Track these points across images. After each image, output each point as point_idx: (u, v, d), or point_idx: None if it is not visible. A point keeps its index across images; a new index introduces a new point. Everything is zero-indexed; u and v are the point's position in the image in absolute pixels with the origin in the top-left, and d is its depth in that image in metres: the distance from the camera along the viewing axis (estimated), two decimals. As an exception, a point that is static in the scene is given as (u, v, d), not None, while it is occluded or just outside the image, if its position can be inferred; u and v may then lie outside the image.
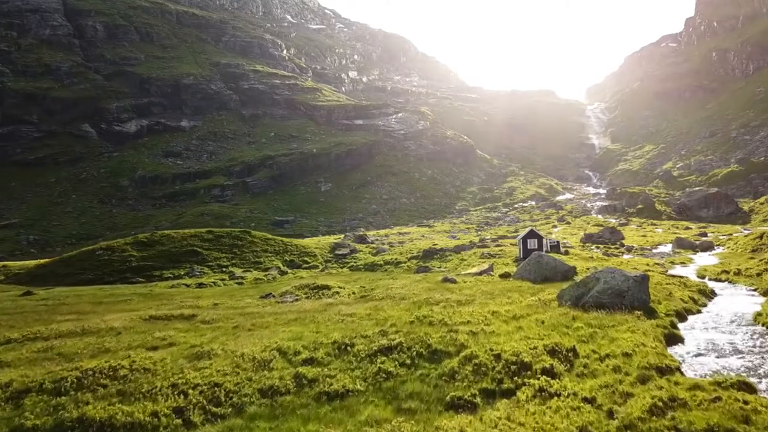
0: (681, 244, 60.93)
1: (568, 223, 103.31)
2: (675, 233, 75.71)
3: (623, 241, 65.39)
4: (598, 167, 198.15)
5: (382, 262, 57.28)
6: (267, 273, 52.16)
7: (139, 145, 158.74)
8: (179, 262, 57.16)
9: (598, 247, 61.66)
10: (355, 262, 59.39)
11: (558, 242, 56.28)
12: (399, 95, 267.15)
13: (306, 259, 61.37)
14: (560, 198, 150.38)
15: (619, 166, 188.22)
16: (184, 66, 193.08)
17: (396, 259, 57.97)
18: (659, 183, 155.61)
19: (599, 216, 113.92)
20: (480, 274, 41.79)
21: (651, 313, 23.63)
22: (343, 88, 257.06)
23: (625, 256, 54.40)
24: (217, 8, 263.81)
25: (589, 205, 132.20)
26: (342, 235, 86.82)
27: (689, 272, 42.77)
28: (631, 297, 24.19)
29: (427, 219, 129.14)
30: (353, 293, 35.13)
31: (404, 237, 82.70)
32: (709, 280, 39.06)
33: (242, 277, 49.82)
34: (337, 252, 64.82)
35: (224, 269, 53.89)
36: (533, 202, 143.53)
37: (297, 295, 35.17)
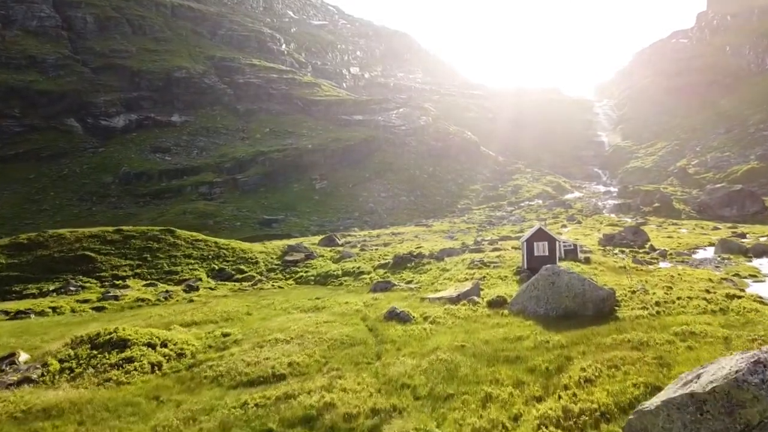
0: (728, 247, 50.34)
1: (579, 222, 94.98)
2: (703, 233, 67.25)
3: (651, 244, 55.29)
4: (607, 165, 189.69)
5: (339, 272, 47.41)
6: (168, 291, 39.70)
7: (127, 141, 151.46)
8: (59, 272, 45.74)
9: (622, 251, 51.32)
10: (305, 273, 48.94)
11: (575, 245, 44.92)
12: (401, 91, 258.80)
13: (242, 267, 50.73)
14: (569, 196, 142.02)
15: (631, 163, 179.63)
16: (177, 59, 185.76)
17: (359, 267, 47.84)
18: (674, 181, 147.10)
19: (612, 215, 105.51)
20: (457, 299, 28.87)
21: None
22: (344, 84, 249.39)
23: (663, 265, 43.82)
24: (215, 2, 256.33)
25: (600, 203, 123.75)
26: (319, 237, 78.85)
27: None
28: None
29: (426, 218, 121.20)
30: (178, 353, 21.49)
31: (396, 237, 74.84)
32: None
33: (118, 296, 37.86)
34: (287, 258, 54.55)
35: (119, 281, 43.24)
36: (540, 201, 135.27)
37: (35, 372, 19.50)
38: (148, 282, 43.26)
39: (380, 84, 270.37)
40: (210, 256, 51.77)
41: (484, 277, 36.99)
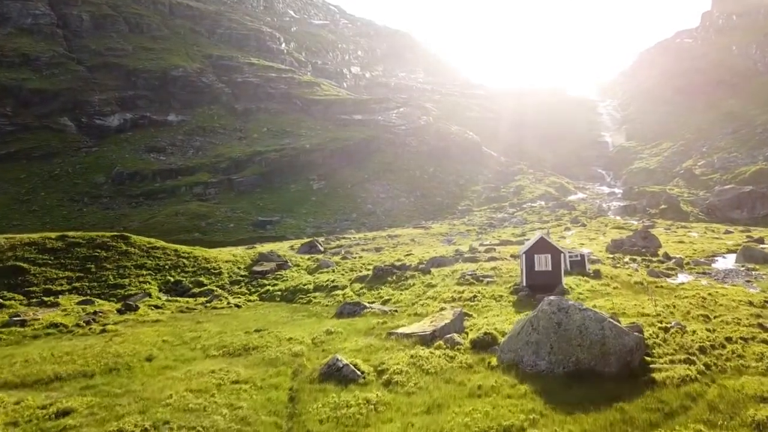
0: (750, 255, 45.70)
1: (583, 225, 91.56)
2: (716, 238, 63.85)
3: (663, 250, 51.08)
4: (611, 166, 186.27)
5: (311, 287, 41.84)
6: (97, 313, 32.80)
7: (121, 140, 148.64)
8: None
9: (634, 260, 46.62)
10: (273, 286, 43.68)
11: (583, 256, 39.30)
12: (402, 91, 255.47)
13: (202, 279, 45.13)
14: (572, 198, 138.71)
15: (635, 164, 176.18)
16: (174, 58, 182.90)
17: (333, 281, 42.53)
18: (680, 182, 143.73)
19: (617, 217, 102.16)
20: (432, 338, 22.35)
21: None
22: (345, 84, 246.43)
23: (682, 277, 39.21)
24: (214, 0, 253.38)
25: (604, 205, 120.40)
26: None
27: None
28: None
29: (426, 220, 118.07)
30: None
31: (390, 241, 71.65)
32: None
33: (26, 321, 30.24)
34: (255, 269, 48.69)
35: (49, 297, 37.07)
36: (543, 202, 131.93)
37: None
38: (84, 298, 37.51)
39: (381, 84, 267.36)
40: (167, 267, 46.24)
41: (475, 296, 32.11)
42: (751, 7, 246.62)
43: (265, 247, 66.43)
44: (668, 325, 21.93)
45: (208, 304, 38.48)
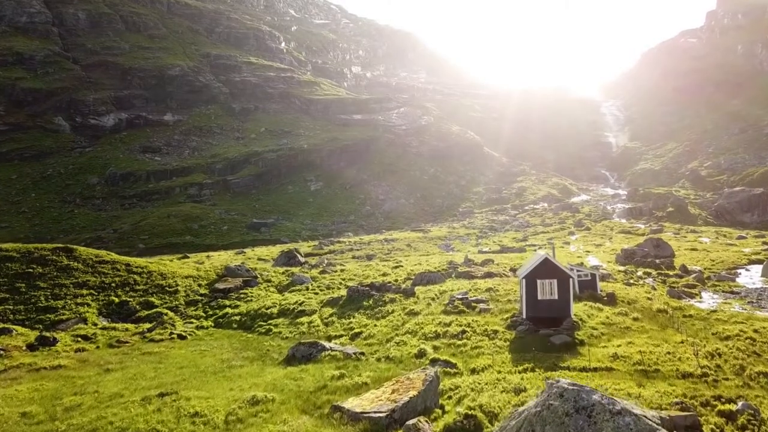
0: None
1: (588, 229, 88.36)
2: (730, 244, 60.65)
3: (679, 262, 46.11)
4: (615, 167, 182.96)
5: (275, 311, 37.16)
6: (1, 349, 27.87)
7: (116, 141, 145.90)
8: None
9: (648, 274, 42.07)
10: (234, 308, 39.17)
11: (594, 275, 33.96)
12: (404, 91, 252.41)
13: (153, 300, 40.12)
14: (575, 199, 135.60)
15: (639, 165, 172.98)
16: (171, 57, 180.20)
17: (302, 303, 37.59)
18: (685, 183, 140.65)
19: (623, 220, 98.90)
20: (387, 424, 16.04)
21: None
22: (345, 84, 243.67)
23: (708, 298, 34.21)
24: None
25: (609, 207, 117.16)
26: (310, 243, 72.61)
27: None
28: None
29: (425, 222, 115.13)
30: None
31: (386, 246, 68.67)
32: None
33: None
34: (218, 286, 43.87)
35: None
36: (545, 204, 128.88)
37: None
38: (1, 327, 31.70)
39: (382, 83, 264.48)
40: (113, 285, 40.65)
41: (464, 331, 27.48)
42: (756, 6, 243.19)
43: (256, 252, 63.63)
44: (733, 409, 15.90)
45: (148, 334, 33.63)
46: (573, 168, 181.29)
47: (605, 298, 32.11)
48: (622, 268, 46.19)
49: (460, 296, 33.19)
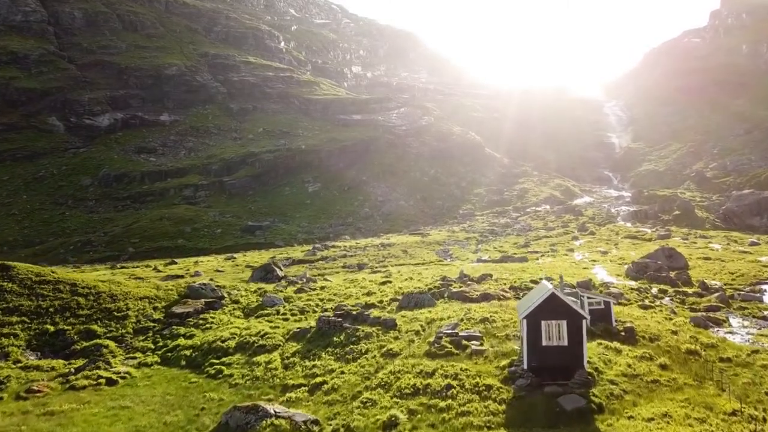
0: None
1: (592, 233, 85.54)
2: (744, 252, 57.85)
3: (692, 272, 41.86)
4: (618, 168, 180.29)
5: (231, 345, 32.85)
6: None
7: (111, 141, 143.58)
8: None
9: (664, 292, 38.23)
10: (188, 339, 34.57)
11: (609, 303, 28.75)
12: (404, 91, 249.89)
13: (95, 328, 35.39)
14: (578, 201, 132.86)
15: (643, 166, 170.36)
16: (169, 56, 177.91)
17: (266, 335, 33.18)
18: (690, 185, 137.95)
19: (628, 224, 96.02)
20: None
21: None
22: (345, 83, 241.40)
23: (738, 326, 29.91)
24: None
25: (613, 210, 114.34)
26: (304, 247, 69.99)
27: None
28: None
29: (425, 225, 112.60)
30: None
31: (381, 251, 66.20)
32: None
33: None
34: (176, 309, 39.54)
35: None
36: (548, 206, 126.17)
37: None
38: None
39: (383, 83, 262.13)
40: (52, 309, 35.66)
41: (449, 386, 23.02)
42: (761, 5, 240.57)
43: (247, 258, 61.21)
44: None
45: (72, 377, 28.83)
46: (575, 169, 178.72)
47: (623, 334, 27.40)
48: (634, 284, 42.18)
49: (448, 330, 29.05)
